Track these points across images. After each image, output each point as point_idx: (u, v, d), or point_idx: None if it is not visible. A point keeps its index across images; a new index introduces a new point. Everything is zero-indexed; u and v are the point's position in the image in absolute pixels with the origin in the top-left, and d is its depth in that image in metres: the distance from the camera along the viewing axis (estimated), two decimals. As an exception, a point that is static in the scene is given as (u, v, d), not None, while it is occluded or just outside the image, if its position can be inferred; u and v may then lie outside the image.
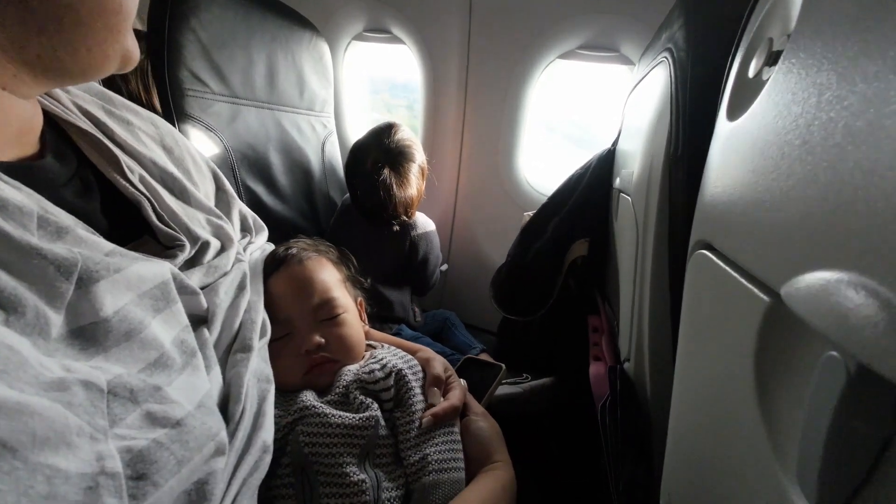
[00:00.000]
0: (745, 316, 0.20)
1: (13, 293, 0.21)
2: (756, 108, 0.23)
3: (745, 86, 0.27)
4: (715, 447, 0.25)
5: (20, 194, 0.24)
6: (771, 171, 0.19)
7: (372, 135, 0.95)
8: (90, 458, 0.20)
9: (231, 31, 0.82)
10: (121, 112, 0.39)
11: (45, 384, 0.20)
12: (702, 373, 0.28)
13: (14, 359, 0.20)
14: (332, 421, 0.39)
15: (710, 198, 0.29)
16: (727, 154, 0.27)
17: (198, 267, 0.37)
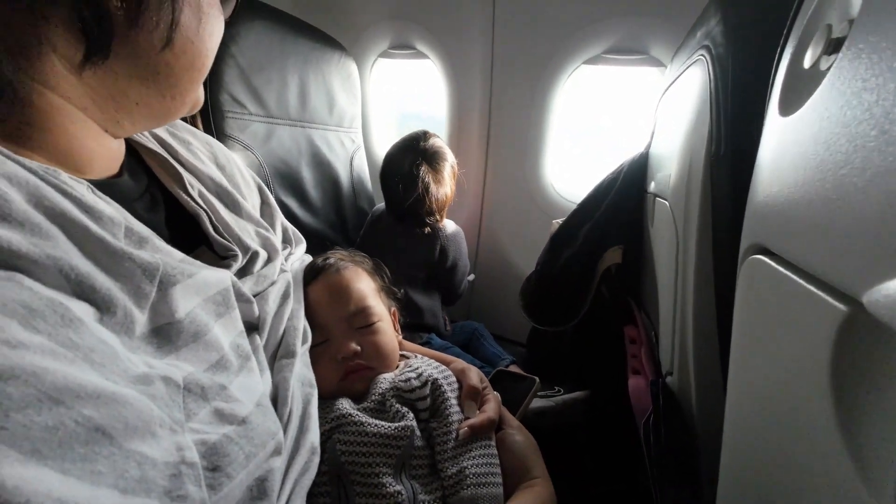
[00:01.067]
0: (815, 326, 0.18)
1: (108, 293, 0.23)
2: (817, 100, 0.21)
3: (800, 78, 0.25)
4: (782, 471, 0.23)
5: (109, 207, 0.27)
6: (841, 166, 0.18)
7: (407, 140, 1.00)
8: (171, 448, 0.21)
9: (267, 56, 0.87)
10: (182, 134, 0.42)
11: (132, 377, 0.22)
12: (763, 389, 0.25)
13: (108, 353, 0.22)
14: (369, 430, 0.39)
15: (763, 198, 0.27)
16: (782, 151, 0.25)
17: (248, 276, 0.40)
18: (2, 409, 0.16)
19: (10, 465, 0.15)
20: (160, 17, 0.27)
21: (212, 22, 0.31)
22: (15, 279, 0.19)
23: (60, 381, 0.18)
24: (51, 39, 0.24)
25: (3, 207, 0.20)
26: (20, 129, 0.25)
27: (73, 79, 0.26)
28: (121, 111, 0.29)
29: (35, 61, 0.24)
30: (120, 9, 0.25)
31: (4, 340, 0.17)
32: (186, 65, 0.30)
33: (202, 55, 0.31)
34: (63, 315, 0.20)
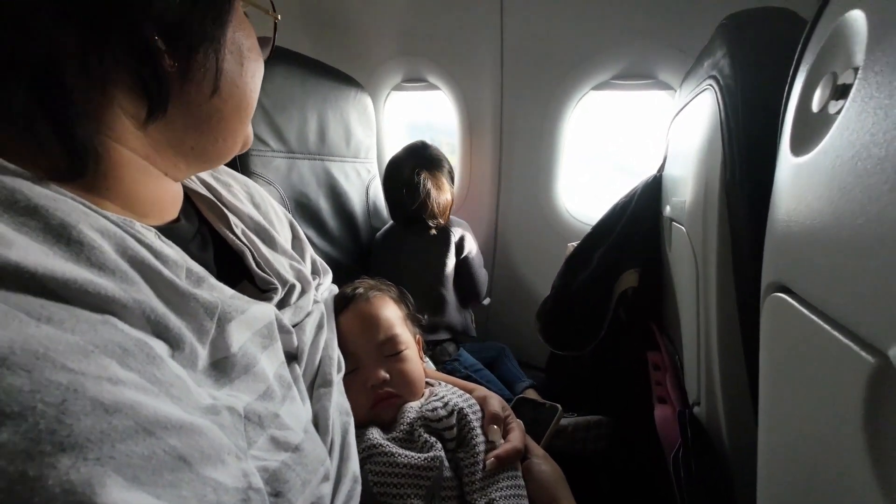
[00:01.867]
0: (844, 374, 0.18)
1: (178, 332, 0.25)
2: (828, 146, 0.22)
3: (810, 120, 0.26)
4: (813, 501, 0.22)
5: (172, 251, 0.29)
6: (858, 215, 0.18)
7: (408, 149, 1.07)
8: (239, 475, 0.23)
9: (290, 96, 0.92)
10: (223, 177, 0.45)
11: (203, 409, 0.24)
12: (795, 429, 0.25)
13: (183, 387, 0.23)
14: (399, 461, 0.39)
15: (782, 235, 0.27)
16: (797, 191, 0.25)
17: (286, 308, 0.41)
18: (110, 440, 0.18)
19: (119, 491, 0.17)
20: (207, 68, 0.29)
21: (252, 66, 0.33)
22: (110, 322, 0.21)
23: (151, 414, 0.20)
24: (119, 101, 0.27)
25: (100, 258, 0.23)
26: (97, 181, 0.28)
27: (139, 133, 0.29)
28: (178, 156, 0.32)
29: (109, 122, 0.27)
30: (173, 67, 0.27)
31: (108, 378, 0.19)
32: (234, 107, 0.32)
33: (247, 96, 0.33)
34: (148, 354, 0.22)
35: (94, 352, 0.19)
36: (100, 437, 0.17)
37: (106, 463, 0.17)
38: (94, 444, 0.17)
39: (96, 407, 0.18)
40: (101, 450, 0.17)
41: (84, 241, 0.23)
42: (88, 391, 0.18)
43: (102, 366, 0.19)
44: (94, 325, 0.20)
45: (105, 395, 0.18)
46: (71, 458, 0.16)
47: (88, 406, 0.18)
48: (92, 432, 0.17)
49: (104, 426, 0.18)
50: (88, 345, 0.19)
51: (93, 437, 0.17)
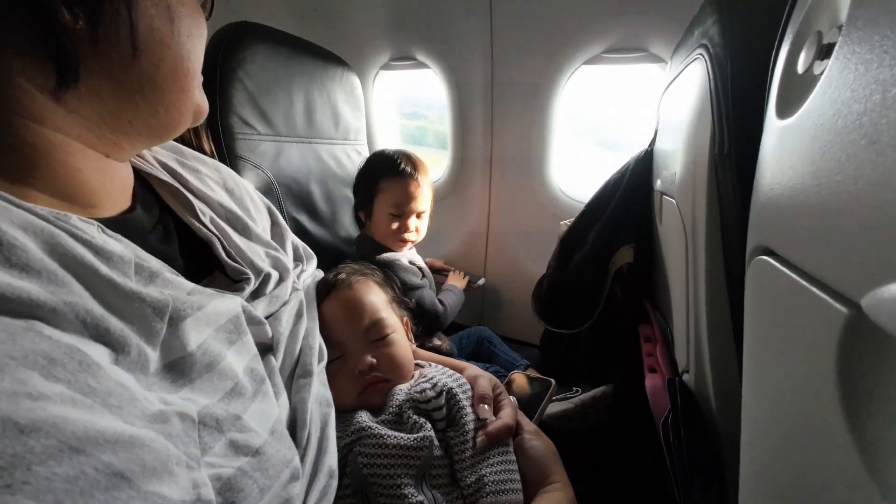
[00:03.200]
0: (820, 327, 0.19)
1: (121, 334, 0.24)
2: (811, 106, 0.22)
3: (795, 81, 0.26)
4: (797, 469, 0.23)
5: (119, 245, 0.27)
6: (836, 173, 0.18)
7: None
8: (188, 487, 0.22)
9: (274, 78, 0.89)
10: (191, 162, 0.43)
11: (149, 417, 0.22)
12: (774, 388, 0.26)
13: (125, 395, 0.22)
14: (389, 442, 0.40)
15: (766, 200, 0.27)
16: (782, 154, 0.25)
17: (262, 298, 0.40)
18: (24, 464, 0.16)
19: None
20: (118, 25, 0.25)
21: (187, 22, 0.30)
22: (35, 328, 0.20)
23: (80, 429, 0.18)
24: (17, 68, 0.24)
25: (22, 258, 0.21)
26: (21, 169, 0.25)
27: (57, 108, 0.26)
28: (117, 133, 0.29)
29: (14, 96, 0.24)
30: (75, 23, 0.24)
31: (26, 393, 0.17)
32: (168, 72, 0.29)
33: (182, 59, 0.29)
34: (81, 361, 0.20)
35: (10, 364, 0.18)
36: (11, 461, 0.16)
37: (18, 490, 0.16)
38: (3, 470, 0.16)
39: (8, 427, 0.16)
40: (13, 475, 0.16)
41: (3, 239, 0.21)
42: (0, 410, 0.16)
43: (20, 380, 0.18)
44: (13, 333, 0.19)
45: (21, 412, 0.17)
46: None
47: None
48: (2, 456, 0.16)
49: (18, 448, 0.16)
50: (4, 357, 0.18)
51: (2, 462, 0.16)
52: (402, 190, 0.93)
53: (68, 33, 0.24)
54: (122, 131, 0.29)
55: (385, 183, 0.94)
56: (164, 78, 0.29)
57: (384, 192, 0.94)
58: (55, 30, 0.23)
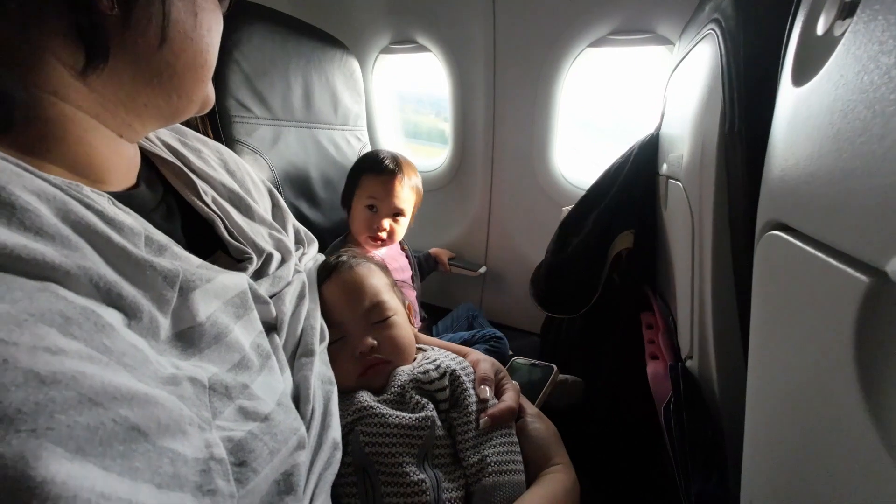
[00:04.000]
0: (836, 300, 0.18)
1: (134, 300, 0.24)
2: (832, 67, 0.21)
3: (813, 45, 0.24)
4: (806, 449, 0.22)
5: (129, 218, 0.28)
6: (859, 134, 0.17)
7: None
8: (201, 445, 0.22)
9: (270, 60, 0.87)
10: (192, 143, 0.43)
11: (162, 379, 0.23)
12: (784, 367, 0.25)
13: (139, 356, 0.22)
14: (390, 421, 0.40)
15: (779, 172, 0.26)
16: (797, 123, 0.24)
17: (264, 278, 0.41)
18: (47, 412, 0.17)
19: (59, 462, 0.16)
20: (151, 14, 0.27)
21: (208, 17, 0.31)
22: (50, 289, 0.20)
23: (98, 384, 0.19)
24: (50, 48, 0.25)
25: (36, 222, 0.21)
26: (38, 141, 0.26)
27: (81, 87, 0.27)
28: (130, 114, 0.30)
29: (40, 71, 0.25)
30: (111, 10, 0.25)
31: (45, 347, 0.18)
32: (187, 63, 0.30)
33: (202, 52, 0.31)
34: (96, 322, 0.21)
35: (29, 321, 0.18)
36: (34, 408, 0.17)
37: (42, 435, 0.16)
38: (27, 415, 0.16)
39: (30, 378, 0.17)
40: (37, 421, 0.17)
41: (16, 203, 0.21)
42: (20, 362, 0.17)
43: (39, 335, 0.18)
44: (29, 293, 0.19)
45: (41, 365, 0.17)
46: (1, 430, 0.16)
47: (20, 377, 0.17)
48: (25, 404, 0.16)
49: (40, 397, 0.17)
50: (22, 314, 0.18)
51: (26, 408, 0.16)
52: (380, 185, 0.92)
53: (103, 20, 0.25)
54: (136, 113, 0.30)
55: (366, 178, 0.94)
56: (182, 67, 0.30)
57: (363, 187, 0.94)
58: (92, 15, 0.25)
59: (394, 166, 0.93)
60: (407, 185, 0.94)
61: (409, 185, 0.95)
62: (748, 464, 0.34)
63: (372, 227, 0.93)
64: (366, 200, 0.93)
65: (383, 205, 0.93)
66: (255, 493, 0.25)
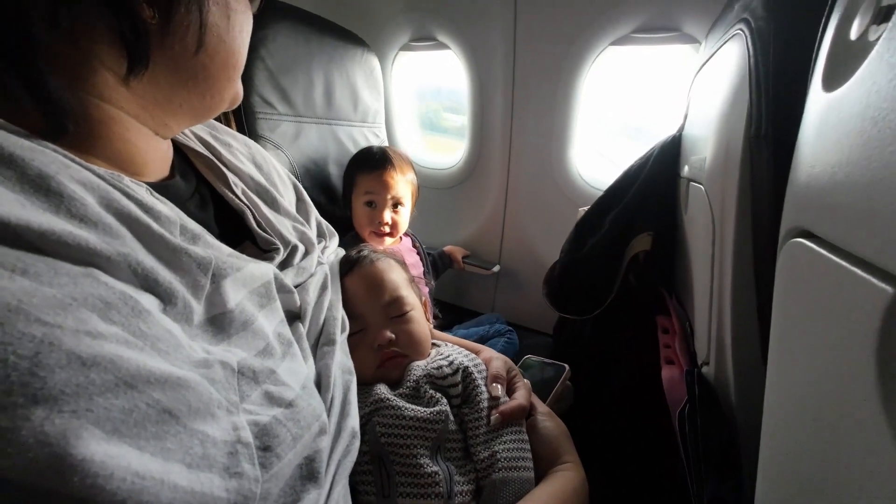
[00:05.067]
0: (860, 310, 0.18)
1: (169, 286, 0.25)
2: (864, 73, 0.20)
3: (846, 50, 0.24)
4: (824, 459, 0.22)
5: (165, 207, 0.29)
6: (889, 143, 0.17)
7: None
8: (229, 428, 0.23)
9: (294, 57, 0.89)
10: (223, 136, 0.45)
11: (194, 362, 0.24)
12: (803, 375, 0.25)
13: (172, 341, 0.23)
14: (406, 414, 0.41)
15: (805, 179, 0.26)
16: (826, 129, 0.24)
17: (289, 268, 0.42)
18: (87, 394, 0.18)
19: (97, 443, 0.17)
20: (189, 22, 0.28)
21: (240, 18, 0.32)
22: (93, 275, 0.21)
23: (133, 368, 0.20)
24: (98, 56, 0.26)
25: (81, 210, 0.22)
26: (84, 139, 0.27)
27: (124, 90, 0.28)
28: (167, 114, 0.31)
29: (88, 79, 0.26)
30: (152, 18, 0.26)
31: (87, 331, 0.19)
32: (221, 64, 0.31)
33: (235, 52, 0.32)
34: (133, 307, 0.22)
35: (73, 305, 0.19)
36: (76, 390, 0.17)
37: (83, 416, 0.17)
38: (69, 396, 0.17)
39: (72, 360, 0.18)
40: (78, 402, 0.17)
41: (64, 192, 0.22)
42: (65, 344, 0.18)
43: (81, 319, 0.19)
44: (74, 277, 0.20)
45: (83, 348, 0.18)
46: (45, 410, 0.16)
47: (64, 359, 0.17)
48: (67, 385, 0.17)
49: (81, 379, 0.18)
50: (67, 298, 0.19)
51: (68, 389, 0.17)
52: (374, 179, 0.93)
53: (145, 27, 0.26)
54: (172, 113, 0.32)
55: (360, 176, 0.95)
56: (216, 69, 0.31)
57: (358, 185, 0.95)
58: (134, 23, 0.26)
59: (385, 159, 0.95)
60: (400, 175, 0.95)
61: (402, 176, 0.96)
62: (764, 470, 0.33)
63: (374, 222, 0.94)
64: (363, 197, 0.94)
65: (381, 198, 0.94)
66: (279, 477, 0.26)
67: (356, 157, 0.99)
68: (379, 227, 0.94)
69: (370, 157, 0.96)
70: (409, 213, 1.00)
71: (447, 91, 1.42)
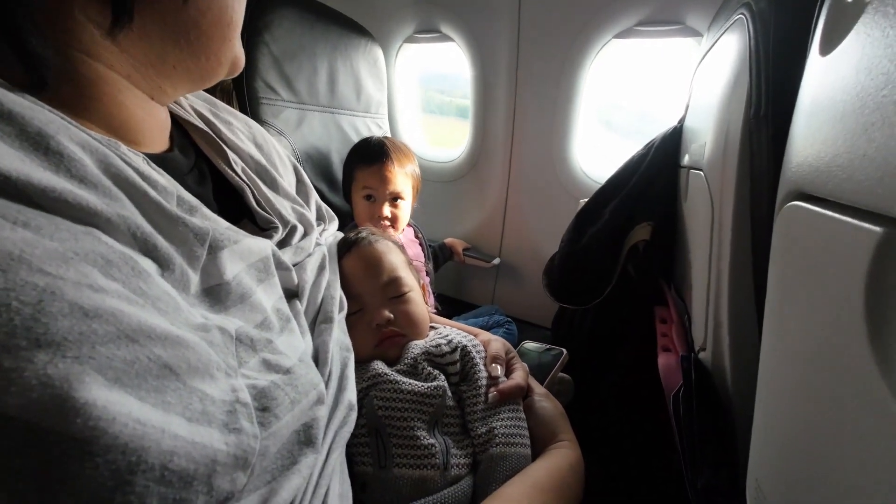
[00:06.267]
0: (851, 256, 0.18)
1: (167, 253, 0.25)
2: (860, 28, 0.20)
3: (843, 12, 0.24)
4: (814, 412, 0.22)
5: (163, 178, 0.29)
6: (882, 87, 0.17)
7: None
8: (227, 389, 0.23)
9: (298, 44, 0.90)
10: (223, 114, 0.45)
11: (193, 325, 0.24)
12: (796, 338, 0.25)
13: (172, 303, 0.23)
14: (404, 388, 0.41)
15: (801, 141, 0.26)
16: (822, 91, 0.24)
17: (287, 247, 0.42)
18: (90, 342, 0.18)
19: (99, 389, 0.17)
20: None
21: None
22: (93, 234, 0.21)
23: (135, 322, 0.20)
24: (82, 8, 0.25)
25: (81, 171, 0.22)
26: (75, 100, 0.27)
27: (111, 46, 0.27)
28: (161, 76, 0.31)
29: (70, 31, 0.25)
30: None
31: (89, 284, 0.19)
32: (213, 21, 0.30)
33: (226, 8, 0.31)
34: (133, 267, 0.22)
35: (75, 259, 0.19)
36: (78, 337, 0.17)
37: (85, 362, 0.17)
38: (72, 343, 0.17)
39: (75, 310, 0.18)
40: (81, 349, 0.17)
41: (64, 152, 0.22)
42: (67, 294, 0.18)
43: (83, 273, 0.19)
44: (75, 234, 0.20)
45: (84, 299, 0.18)
46: (48, 354, 0.16)
47: (66, 308, 0.18)
48: (70, 332, 0.17)
49: (83, 328, 0.18)
50: (69, 251, 0.19)
51: (71, 336, 0.17)
52: (372, 174, 0.93)
53: None
54: (167, 75, 0.31)
55: (358, 171, 0.94)
56: (208, 25, 0.30)
57: (357, 179, 0.95)
58: None
59: (383, 153, 0.93)
60: (399, 168, 0.94)
61: (401, 168, 0.95)
62: (756, 444, 0.33)
63: (374, 216, 0.94)
64: (362, 192, 0.94)
65: (379, 193, 0.93)
66: (277, 437, 0.26)
67: (354, 150, 0.98)
68: (378, 221, 0.94)
69: (368, 150, 0.95)
70: (409, 207, 1.00)
71: (453, 77, 1.41)
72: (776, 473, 0.28)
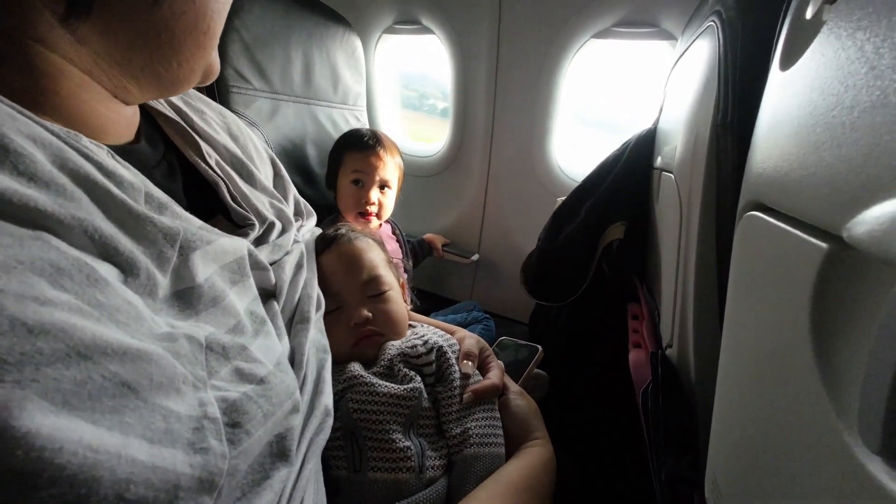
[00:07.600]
0: (799, 269, 0.19)
1: (131, 256, 0.23)
2: (815, 48, 0.21)
3: (802, 30, 0.25)
4: (765, 414, 0.23)
5: (129, 172, 0.27)
6: (832, 108, 0.18)
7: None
8: (194, 403, 0.22)
9: (271, 31, 0.86)
10: (196, 103, 0.42)
11: (157, 336, 0.22)
12: (750, 341, 0.26)
13: (133, 312, 0.22)
14: (379, 390, 0.40)
15: (761, 155, 0.27)
16: (781, 105, 0.25)
17: (265, 245, 0.40)
18: (33, 363, 0.16)
19: (44, 416, 0.16)
20: None
21: None
22: (43, 238, 0.19)
23: (88, 337, 0.18)
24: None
25: (30, 168, 0.20)
26: (31, 92, 0.25)
27: (69, 37, 0.25)
28: (126, 76, 0.29)
29: (28, 18, 0.24)
30: None
31: (34, 297, 0.17)
32: (188, 27, 0.28)
33: (206, 16, 0.29)
34: (89, 275, 0.20)
35: (18, 268, 0.17)
36: (20, 358, 0.16)
37: (27, 386, 0.16)
38: (12, 365, 0.16)
39: (16, 327, 0.16)
40: (22, 371, 0.16)
41: (9, 146, 0.20)
42: (7, 309, 0.16)
43: (27, 283, 0.17)
44: (19, 239, 0.18)
45: (28, 314, 0.17)
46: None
47: (6, 325, 0.16)
48: (10, 353, 0.16)
49: (26, 347, 0.16)
50: (10, 260, 0.17)
51: (11, 358, 0.16)
52: (364, 158, 0.93)
53: None
54: (133, 76, 0.29)
55: (349, 155, 0.94)
56: (182, 31, 0.28)
57: (346, 163, 0.94)
58: None
59: (375, 141, 0.95)
60: (389, 157, 0.96)
61: (391, 158, 0.97)
62: (714, 440, 0.35)
63: (360, 202, 0.93)
64: (351, 176, 0.94)
65: (369, 177, 0.93)
66: (248, 454, 0.25)
67: (345, 137, 0.98)
68: (365, 206, 0.93)
69: (360, 136, 0.96)
70: (394, 197, 1.00)
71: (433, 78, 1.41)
72: (732, 471, 0.30)
